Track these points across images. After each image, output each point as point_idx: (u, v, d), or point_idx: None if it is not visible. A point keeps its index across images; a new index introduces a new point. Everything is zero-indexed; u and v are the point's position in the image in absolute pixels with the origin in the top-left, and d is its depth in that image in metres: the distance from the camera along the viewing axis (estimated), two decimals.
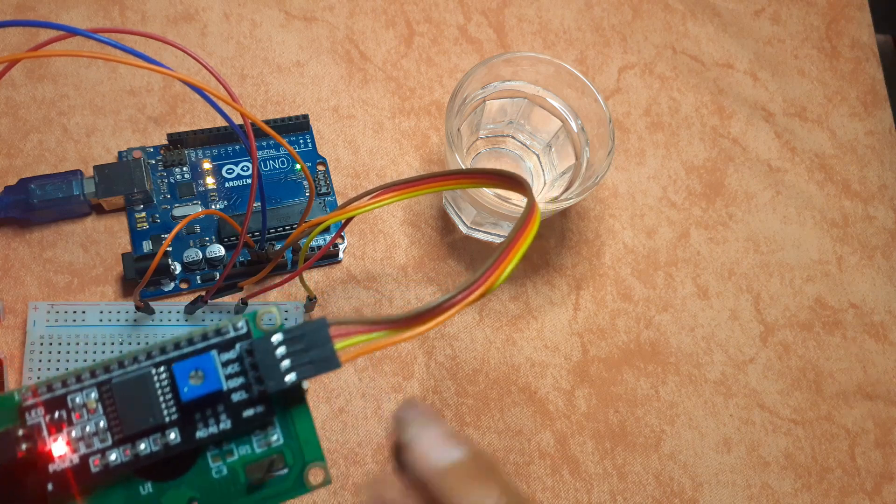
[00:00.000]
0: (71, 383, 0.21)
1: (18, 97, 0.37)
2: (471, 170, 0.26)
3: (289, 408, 0.23)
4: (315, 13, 0.41)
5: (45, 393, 0.21)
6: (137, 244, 0.35)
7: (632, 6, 0.44)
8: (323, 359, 0.22)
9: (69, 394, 0.21)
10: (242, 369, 0.22)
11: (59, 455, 0.21)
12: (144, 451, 0.21)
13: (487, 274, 0.22)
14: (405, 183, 0.27)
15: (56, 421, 0.21)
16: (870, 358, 0.39)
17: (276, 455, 0.23)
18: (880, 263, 0.41)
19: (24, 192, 0.34)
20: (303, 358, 0.22)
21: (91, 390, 0.21)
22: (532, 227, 0.23)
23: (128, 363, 0.22)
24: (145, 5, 0.40)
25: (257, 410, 0.22)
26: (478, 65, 0.35)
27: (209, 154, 0.37)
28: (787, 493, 0.36)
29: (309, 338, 0.22)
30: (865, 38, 0.46)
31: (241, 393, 0.22)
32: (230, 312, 0.34)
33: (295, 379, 0.21)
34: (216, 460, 0.22)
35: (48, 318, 0.33)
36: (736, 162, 0.42)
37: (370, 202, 0.27)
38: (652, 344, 0.38)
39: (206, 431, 0.22)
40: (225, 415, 0.22)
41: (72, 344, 0.33)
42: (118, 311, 0.33)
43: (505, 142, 0.39)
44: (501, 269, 0.22)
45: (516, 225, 0.23)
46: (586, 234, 0.39)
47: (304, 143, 0.38)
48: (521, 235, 0.23)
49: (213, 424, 0.22)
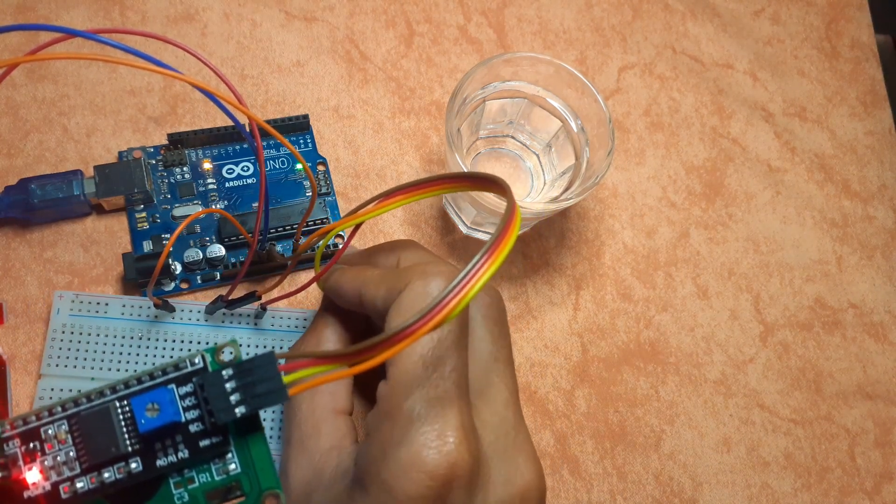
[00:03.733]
0: (44, 417, 0.23)
1: (19, 97, 0.37)
2: (469, 174, 0.26)
3: (245, 436, 0.24)
4: (315, 13, 0.41)
5: (20, 426, 0.23)
6: (138, 244, 0.35)
7: (632, 6, 0.44)
8: (270, 391, 0.23)
9: (42, 426, 0.23)
10: (198, 402, 0.23)
11: (32, 482, 0.22)
12: (109, 478, 0.23)
13: (447, 300, 0.21)
14: (412, 186, 0.27)
15: (31, 451, 0.23)
16: (869, 358, 0.39)
17: (234, 482, 0.24)
18: (880, 263, 0.41)
19: (24, 191, 0.34)
20: (252, 391, 0.23)
21: (62, 423, 0.23)
22: (509, 239, 0.22)
23: (94, 397, 0.23)
24: (145, 5, 0.40)
25: (213, 440, 0.24)
26: (478, 65, 0.35)
27: (209, 154, 0.37)
28: (786, 492, 0.36)
29: (258, 371, 0.23)
30: (865, 39, 0.46)
31: (197, 424, 0.23)
32: (250, 316, 0.34)
33: (244, 411, 0.22)
34: (178, 487, 0.24)
35: (72, 308, 0.33)
36: (736, 162, 0.42)
37: (379, 207, 0.27)
38: (652, 344, 0.38)
39: (165, 460, 0.23)
40: (183, 444, 0.23)
41: (92, 335, 0.33)
42: (140, 305, 0.33)
43: (505, 142, 0.39)
44: (464, 294, 0.21)
45: (493, 235, 0.22)
46: (586, 234, 0.39)
47: (305, 143, 0.38)
48: (496, 248, 0.22)
49: (172, 454, 0.23)
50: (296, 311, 0.35)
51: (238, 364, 0.23)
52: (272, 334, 0.34)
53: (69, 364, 0.32)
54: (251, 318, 0.34)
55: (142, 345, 0.33)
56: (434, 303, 0.21)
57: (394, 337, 0.21)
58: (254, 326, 0.34)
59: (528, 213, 0.34)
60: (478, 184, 0.26)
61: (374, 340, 0.22)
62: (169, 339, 0.33)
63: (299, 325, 0.34)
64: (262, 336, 0.34)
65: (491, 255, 0.22)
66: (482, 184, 0.26)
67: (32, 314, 0.34)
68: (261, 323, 0.34)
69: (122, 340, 0.33)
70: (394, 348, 0.21)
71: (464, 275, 0.22)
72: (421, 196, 0.27)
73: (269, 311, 0.34)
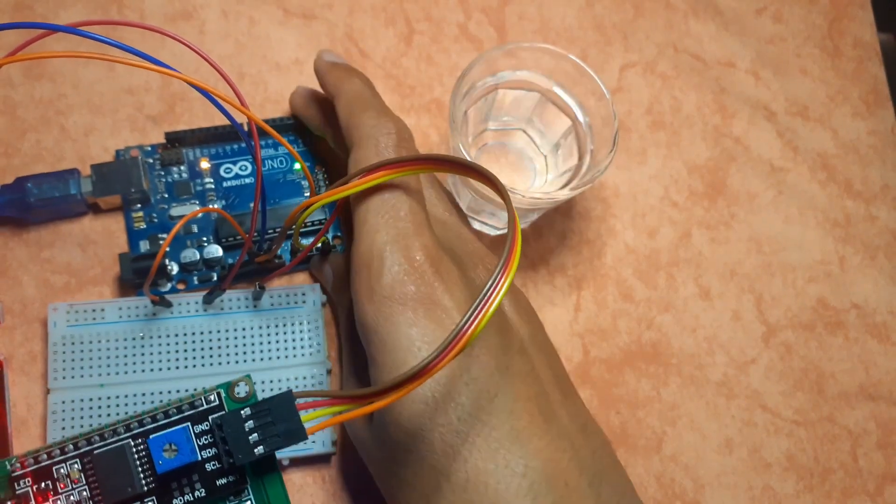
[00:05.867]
0: (56, 455, 0.23)
1: (16, 96, 0.37)
2: (465, 162, 0.26)
3: (261, 475, 0.24)
4: (314, 11, 0.41)
5: (32, 464, 0.23)
6: (134, 243, 0.35)
7: (633, 4, 0.44)
8: (290, 431, 0.22)
9: (55, 465, 0.23)
10: (214, 441, 0.23)
11: None
12: None
13: (465, 329, 0.21)
14: (397, 163, 0.26)
15: (42, 490, 0.23)
16: (872, 359, 0.39)
17: None
18: (883, 264, 0.41)
19: (21, 190, 0.34)
20: (271, 430, 0.22)
21: (74, 462, 0.23)
22: (511, 269, 0.22)
23: (108, 435, 0.23)
24: (143, 3, 0.40)
25: (230, 479, 0.23)
26: (493, 48, 0.34)
27: (207, 153, 0.37)
28: (789, 494, 0.36)
29: (276, 411, 0.23)
30: (868, 37, 0.46)
31: (213, 463, 0.23)
32: (248, 298, 0.34)
33: (263, 451, 0.22)
34: None
35: (68, 319, 0.33)
36: (738, 161, 0.42)
37: (363, 181, 0.27)
38: (653, 345, 0.38)
39: (181, 500, 0.23)
40: (199, 483, 0.23)
41: (93, 342, 0.33)
42: (136, 306, 0.33)
43: (514, 136, 0.39)
44: (480, 321, 0.21)
45: (498, 266, 0.22)
46: (587, 234, 0.39)
47: (301, 143, 0.38)
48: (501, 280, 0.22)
49: (188, 492, 0.23)
50: (294, 288, 0.35)
51: (256, 404, 0.23)
52: (272, 314, 0.34)
53: (75, 375, 0.32)
54: (250, 301, 0.34)
55: (144, 343, 0.33)
56: (452, 335, 0.21)
57: (416, 374, 0.21)
58: (253, 308, 0.34)
59: (522, 204, 0.33)
60: (465, 171, 0.26)
61: (387, 384, 0.22)
62: (171, 335, 0.33)
63: (298, 302, 0.34)
64: (263, 317, 0.34)
65: (498, 283, 0.22)
66: (469, 171, 0.26)
67: (30, 314, 0.34)
68: (260, 304, 0.34)
69: (124, 343, 0.33)
70: (414, 383, 0.21)
71: (479, 302, 0.21)
72: (405, 173, 0.27)
73: (267, 291, 0.34)
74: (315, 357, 0.34)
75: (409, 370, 0.21)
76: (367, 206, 0.28)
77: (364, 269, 0.27)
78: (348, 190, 0.27)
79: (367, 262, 0.27)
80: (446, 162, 0.26)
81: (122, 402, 0.32)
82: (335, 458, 0.34)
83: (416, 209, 0.28)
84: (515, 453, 0.25)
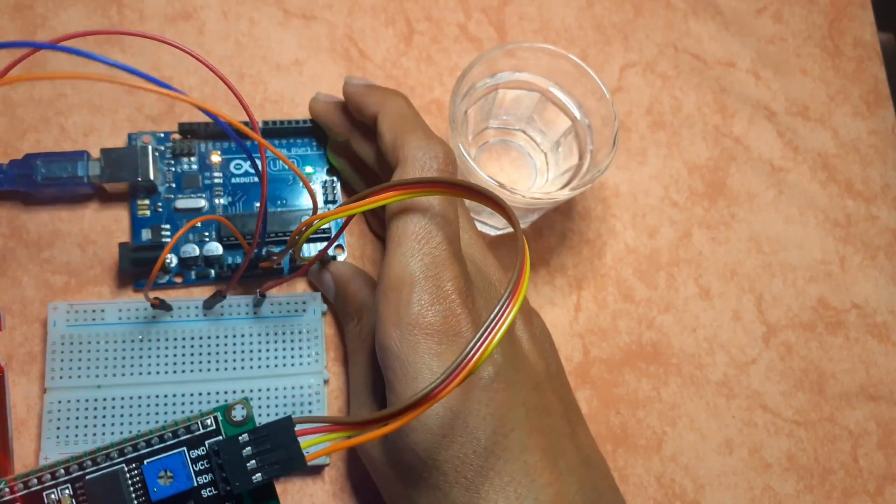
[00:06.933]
0: (46, 480, 0.22)
1: (16, 96, 0.37)
2: (481, 189, 0.26)
3: (259, 502, 0.23)
4: (314, 11, 0.41)
5: (21, 489, 0.22)
6: (137, 231, 0.35)
7: (633, 4, 0.44)
8: (289, 458, 0.22)
9: (45, 490, 0.22)
10: (211, 467, 0.23)
11: None
12: None
13: (471, 356, 0.21)
14: (410, 185, 0.26)
15: None
16: (872, 359, 0.39)
17: None
18: (883, 264, 0.41)
19: (28, 167, 0.34)
20: (269, 457, 0.22)
21: (66, 487, 0.22)
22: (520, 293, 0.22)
23: (101, 460, 0.22)
24: (143, 4, 0.39)
25: None
26: (494, 48, 0.34)
27: (219, 147, 0.37)
28: (789, 494, 0.36)
29: (275, 437, 0.22)
30: (868, 37, 0.46)
31: (210, 489, 0.23)
32: (249, 305, 0.34)
33: (261, 479, 0.22)
34: None
35: (68, 318, 0.33)
36: (738, 161, 0.42)
37: (373, 200, 0.27)
38: (654, 345, 0.38)
39: None
40: None
41: (92, 343, 0.33)
42: (136, 307, 0.33)
43: (515, 135, 0.39)
44: (486, 347, 0.21)
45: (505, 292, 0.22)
46: (587, 234, 0.39)
47: (314, 146, 0.38)
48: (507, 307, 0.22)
49: None
50: (295, 296, 0.34)
51: (255, 430, 0.22)
52: (272, 321, 0.34)
53: (73, 375, 0.32)
54: (250, 308, 0.34)
55: (143, 346, 0.33)
56: (457, 363, 0.21)
57: (418, 401, 0.21)
58: (253, 316, 0.34)
59: (522, 204, 0.33)
60: (480, 198, 0.25)
61: (386, 411, 0.21)
62: (170, 339, 0.33)
63: (298, 310, 0.34)
64: (263, 324, 0.34)
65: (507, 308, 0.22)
66: (484, 199, 0.25)
67: (29, 314, 0.34)
68: (260, 311, 0.34)
69: (123, 345, 0.33)
70: (416, 411, 0.21)
71: (484, 330, 0.21)
72: (417, 194, 0.27)
73: (267, 298, 0.34)
74: (313, 367, 0.33)
75: (412, 397, 0.21)
76: (404, 229, 0.27)
77: (394, 294, 0.27)
78: (357, 208, 0.27)
79: (397, 287, 0.27)
80: (461, 187, 0.26)
81: (119, 405, 0.32)
82: (335, 458, 0.34)
83: (452, 238, 0.28)
84: (526, 487, 0.26)
